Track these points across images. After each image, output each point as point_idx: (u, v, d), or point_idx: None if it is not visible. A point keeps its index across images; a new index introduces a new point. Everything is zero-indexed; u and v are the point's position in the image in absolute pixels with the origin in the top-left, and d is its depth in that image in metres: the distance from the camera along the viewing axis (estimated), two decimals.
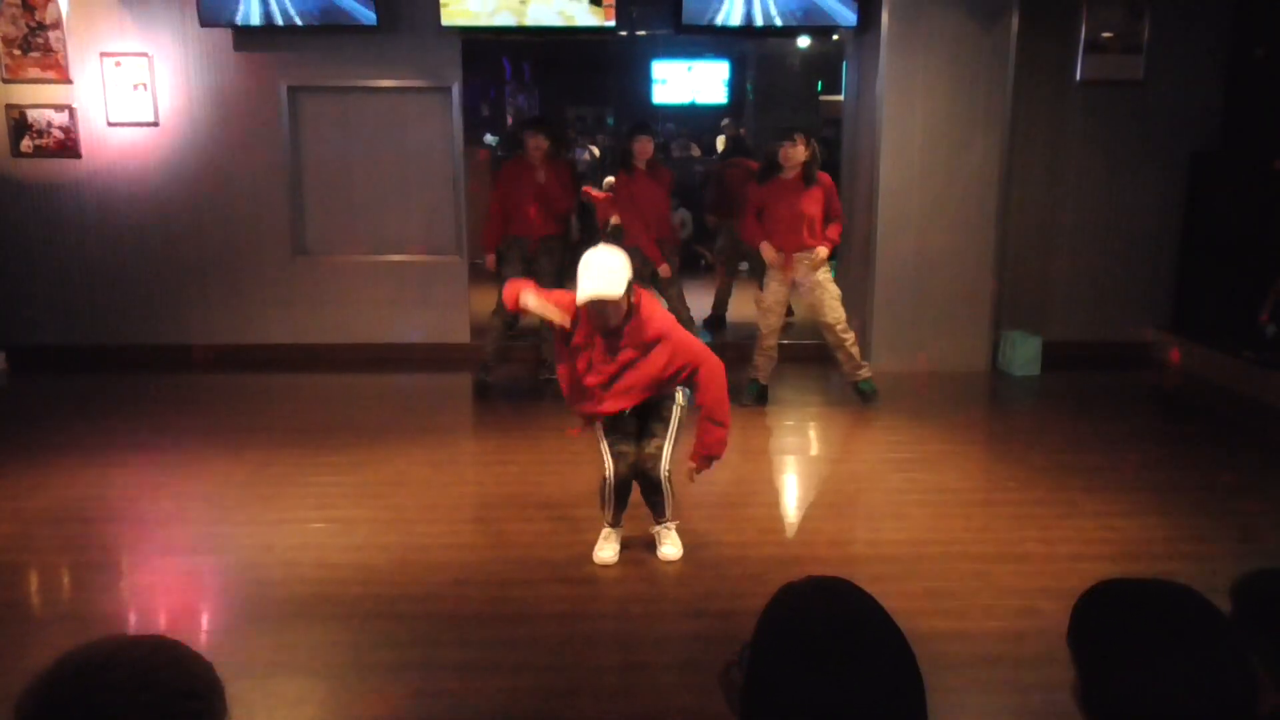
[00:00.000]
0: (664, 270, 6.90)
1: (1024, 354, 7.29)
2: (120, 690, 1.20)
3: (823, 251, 6.20)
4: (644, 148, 6.86)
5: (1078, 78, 7.44)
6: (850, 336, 6.34)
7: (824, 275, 6.26)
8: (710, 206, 9.17)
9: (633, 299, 3.96)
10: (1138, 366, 7.52)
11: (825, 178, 6.23)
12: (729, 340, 7.96)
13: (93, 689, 1.20)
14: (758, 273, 8.97)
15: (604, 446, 4.18)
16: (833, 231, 6.23)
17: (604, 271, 3.86)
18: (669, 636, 3.62)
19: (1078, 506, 4.80)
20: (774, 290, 6.35)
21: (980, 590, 3.96)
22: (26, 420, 6.37)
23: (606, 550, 4.24)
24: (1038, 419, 6.57)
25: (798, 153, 6.09)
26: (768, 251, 6.26)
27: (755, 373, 6.52)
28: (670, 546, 4.26)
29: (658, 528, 4.31)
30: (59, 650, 1.27)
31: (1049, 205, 7.63)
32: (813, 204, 6.13)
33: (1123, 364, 7.50)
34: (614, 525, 4.28)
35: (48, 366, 7.43)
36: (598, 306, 3.87)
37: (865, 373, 6.43)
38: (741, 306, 9.02)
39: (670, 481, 4.19)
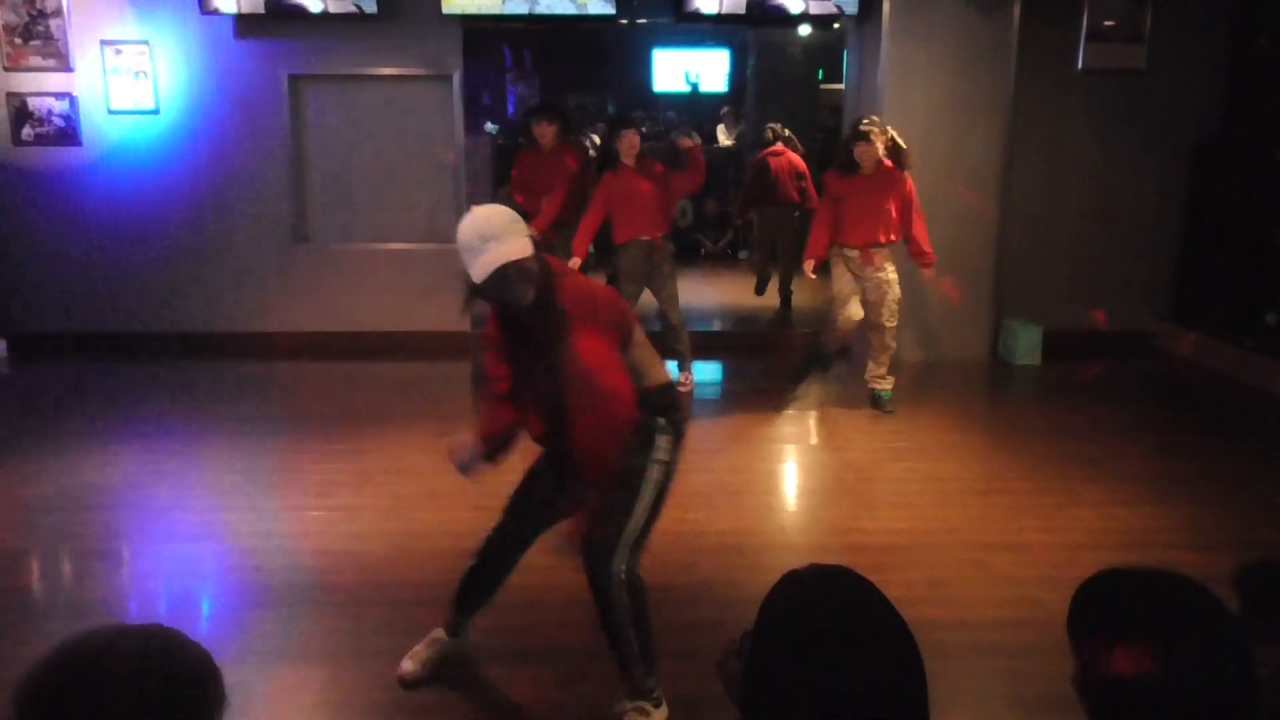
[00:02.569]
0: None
1: (1025, 343, 7.28)
2: (119, 678, 1.20)
3: (927, 273, 6.15)
4: (631, 143, 6.28)
5: (1080, 67, 7.41)
6: (893, 347, 6.18)
7: (893, 276, 6.04)
8: (748, 197, 8.96)
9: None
10: (1139, 356, 7.52)
11: (906, 175, 5.96)
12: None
13: (91, 676, 1.21)
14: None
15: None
16: (925, 243, 6.02)
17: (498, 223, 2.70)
18: (667, 624, 3.60)
19: (1078, 496, 4.80)
20: (844, 284, 6.08)
21: (980, 579, 3.96)
22: (27, 408, 6.38)
23: (409, 661, 3.24)
24: (1038, 408, 6.56)
25: (872, 151, 5.82)
26: (809, 268, 6.09)
27: (827, 346, 6.36)
28: None
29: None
30: (58, 638, 1.27)
31: (1050, 195, 7.61)
32: (888, 199, 5.89)
33: (1124, 353, 7.49)
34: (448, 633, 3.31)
35: (48, 354, 7.44)
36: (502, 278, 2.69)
37: (887, 385, 6.21)
38: (744, 295, 9.02)
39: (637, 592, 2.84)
